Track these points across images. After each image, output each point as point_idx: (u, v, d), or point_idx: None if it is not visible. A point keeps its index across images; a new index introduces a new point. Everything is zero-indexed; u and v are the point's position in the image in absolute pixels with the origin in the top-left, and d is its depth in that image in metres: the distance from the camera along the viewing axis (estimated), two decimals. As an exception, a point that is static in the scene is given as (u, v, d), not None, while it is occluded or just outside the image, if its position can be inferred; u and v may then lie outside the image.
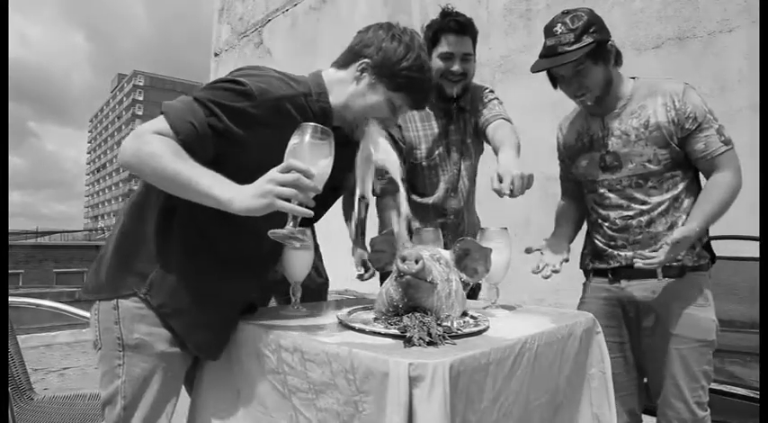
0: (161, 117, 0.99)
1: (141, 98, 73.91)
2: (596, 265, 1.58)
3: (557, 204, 1.75)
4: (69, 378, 3.57)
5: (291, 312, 1.25)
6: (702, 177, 1.49)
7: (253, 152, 1.03)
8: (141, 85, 74.32)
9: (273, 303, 1.58)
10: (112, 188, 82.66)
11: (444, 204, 1.77)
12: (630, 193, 1.48)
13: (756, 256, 1.75)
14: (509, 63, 3.72)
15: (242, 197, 0.92)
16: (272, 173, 0.92)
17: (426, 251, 1.09)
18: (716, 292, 1.49)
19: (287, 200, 0.91)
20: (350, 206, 1.68)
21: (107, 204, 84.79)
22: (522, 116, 2.94)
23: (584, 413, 1.25)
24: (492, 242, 1.27)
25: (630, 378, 1.55)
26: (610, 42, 1.43)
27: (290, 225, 0.95)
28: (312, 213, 0.94)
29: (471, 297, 1.68)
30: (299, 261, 1.27)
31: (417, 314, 1.00)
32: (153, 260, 1.07)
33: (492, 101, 1.77)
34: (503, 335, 1.02)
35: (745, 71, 2.66)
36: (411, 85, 1.15)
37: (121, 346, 1.07)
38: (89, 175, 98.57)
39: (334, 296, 3.26)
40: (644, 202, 1.47)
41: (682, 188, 1.46)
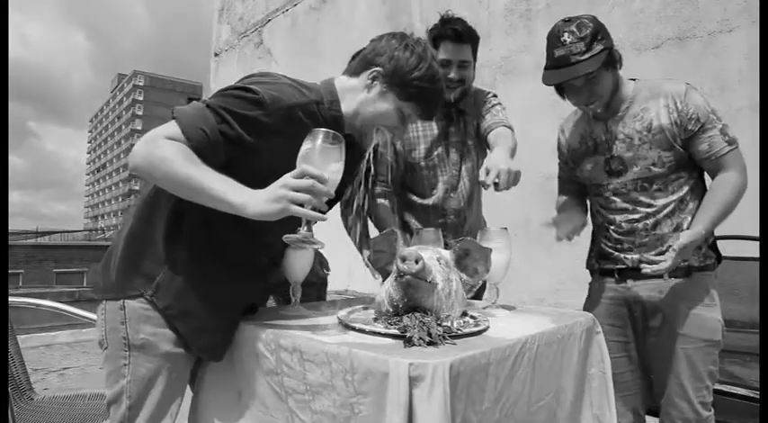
0: (172, 122, 0.99)
1: (141, 98, 73.92)
2: (603, 265, 1.58)
3: (555, 202, 1.74)
4: (69, 378, 3.57)
5: (291, 312, 1.25)
6: (708, 177, 1.48)
7: (265, 159, 1.03)
8: (141, 85, 74.31)
9: (272, 302, 1.58)
10: (112, 188, 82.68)
11: (444, 205, 1.77)
12: (636, 196, 1.48)
13: (757, 256, 1.75)
14: (509, 64, 3.72)
15: (255, 202, 0.93)
16: (286, 178, 0.92)
17: (426, 251, 1.09)
18: (718, 292, 1.49)
19: (300, 205, 0.91)
20: (348, 213, 1.69)
21: (107, 204, 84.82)
22: (523, 116, 2.95)
23: (584, 414, 1.25)
24: (492, 242, 1.27)
25: (634, 378, 1.55)
26: (614, 48, 1.43)
27: (304, 229, 0.96)
28: (326, 217, 0.95)
29: (476, 298, 1.69)
30: (299, 261, 1.27)
31: (417, 314, 1.00)
32: (161, 262, 1.08)
33: (495, 107, 1.78)
34: (503, 335, 1.02)
35: (745, 71, 2.66)
36: (422, 95, 1.15)
37: (127, 345, 1.08)
38: (89, 175, 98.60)
39: (334, 296, 3.26)
40: (649, 205, 1.47)
41: (687, 190, 1.46)
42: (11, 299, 1.94)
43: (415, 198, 1.79)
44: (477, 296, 1.72)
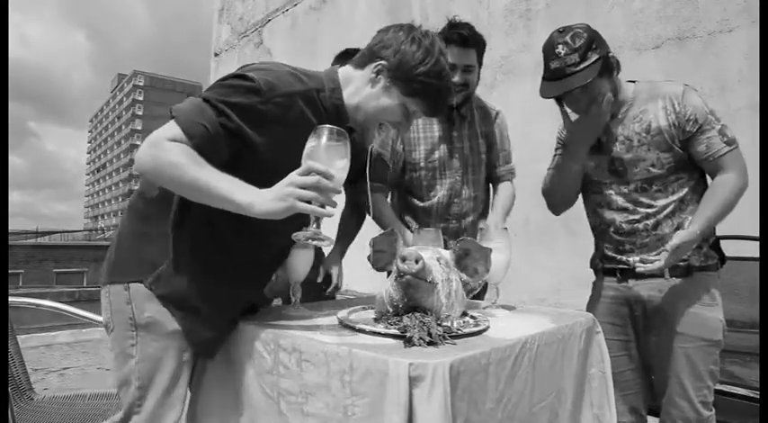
0: (172, 122, 0.98)
1: (141, 98, 73.96)
2: (605, 265, 1.59)
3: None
4: (69, 378, 3.57)
5: (291, 312, 1.25)
6: (709, 177, 1.48)
7: (267, 153, 1.03)
8: (141, 85, 74.34)
9: (278, 302, 1.58)
10: (112, 188, 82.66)
11: (446, 209, 1.77)
12: (636, 197, 1.48)
13: (757, 256, 1.75)
14: (509, 64, 3.72)
15: (262, 201, 0.93)
16: (292, 176, 0.92)
17: (426, 251, 1.09)
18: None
19: (307, 202, 0.91)
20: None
21: (107, 204, 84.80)
22: (522, 116, 2.95)
23: (584, 414, 1.25)
24: (492, 242, 1.28)
25: (635, 377, 1.55)
26: (611, 54, 1.43)
27: (312, 226, 0.96)
28: (333, 214, 0.95)
29: (477, 298, 1.69)
30: (299, 261, 1.27)
31: (417, 314, 1.00)
32: (165, 252, 1.08)
33: (504, 137, 1.88)
34: (503, 335, 1.03)
35: (745, 71, 2.66)
36: (427, 91, 1.11)
37: (134, 325, 1.08)
38: (89, 175, 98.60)
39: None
40: (650, 206, 1.47)
41: (687, 190, 1.46)
42: (11, 299, 1.94)
43: (414, 201, 1.79)
44: (479, 297, 1.72)
